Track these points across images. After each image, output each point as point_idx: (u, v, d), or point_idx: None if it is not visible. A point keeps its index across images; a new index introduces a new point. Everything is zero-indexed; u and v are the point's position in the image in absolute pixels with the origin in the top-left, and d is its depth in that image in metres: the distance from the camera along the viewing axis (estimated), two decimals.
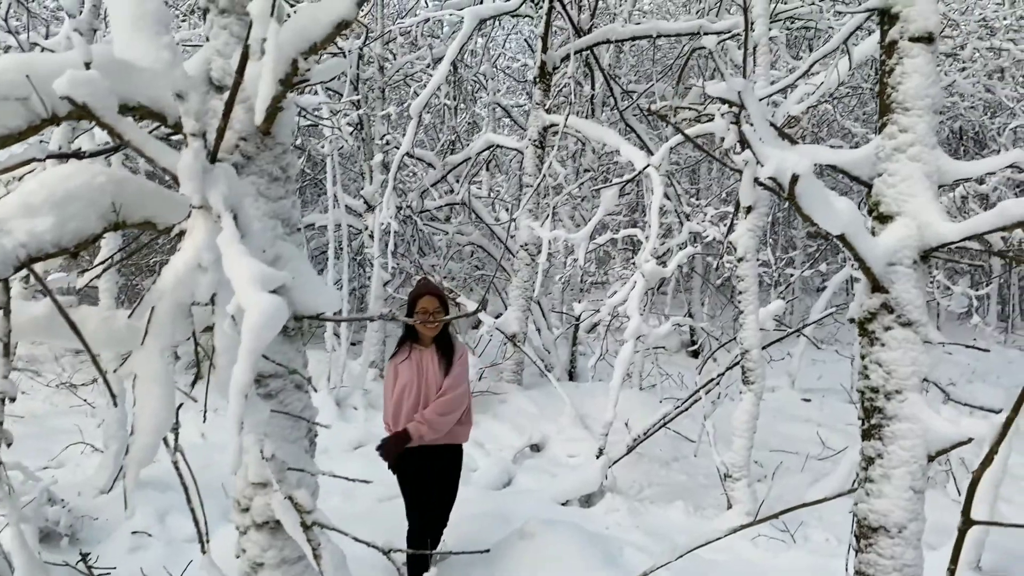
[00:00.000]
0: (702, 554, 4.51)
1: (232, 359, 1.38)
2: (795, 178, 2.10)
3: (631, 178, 6.47)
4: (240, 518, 2.19)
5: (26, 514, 3.44)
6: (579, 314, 8.19)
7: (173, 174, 1.58)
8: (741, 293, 5.26)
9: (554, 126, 8.19)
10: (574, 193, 9.49)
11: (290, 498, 1.82)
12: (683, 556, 3.36)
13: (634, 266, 7.85)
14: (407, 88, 11.34)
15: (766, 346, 6.08)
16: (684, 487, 6.10)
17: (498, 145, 9.33)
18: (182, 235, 1.65)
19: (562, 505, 5.63)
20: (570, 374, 9.91)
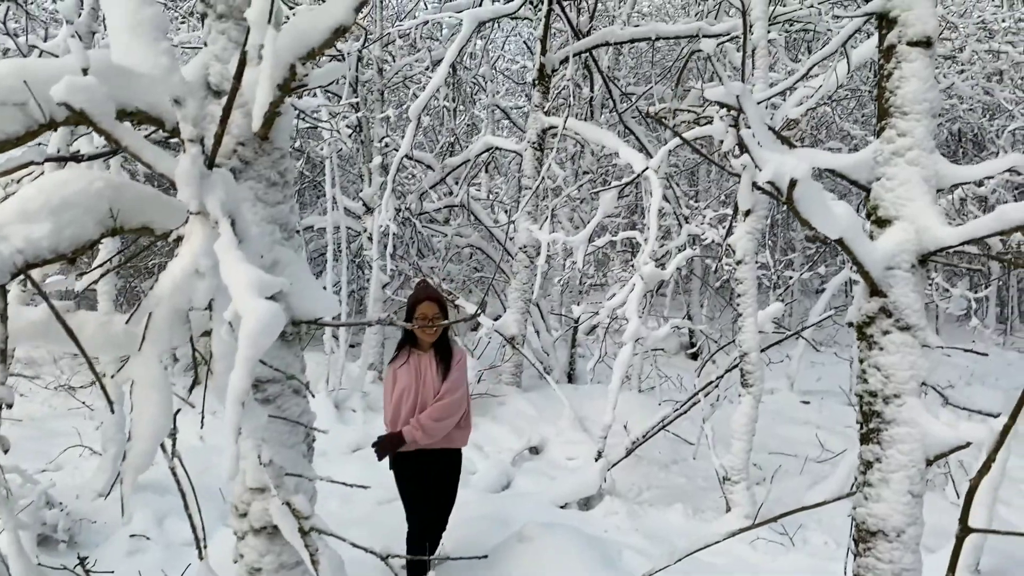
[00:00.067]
0: (701, 557, 4.51)
1: (230, 365, 1.38)
2: (793, 182, 2.10)
3: (630, 181, 6.47)
4: (238, 523, 2.19)
5: (23, 520, 3.43)
6: (578, 316, 8.19)
7: (171, 179, 1.58)
8: (740, 296, 5.26)
9: (553, 128, 8.19)
10: (573, 195, 9.48)
11: (288, 503, 1.82)
12: (682, 559, 3.36)
13: (633, 268, 7.85)
14: (406, 90, 11.36)
15: (765, 348, 6.09)
16: (683, 490, 6.10)
17: (497, 147, 9.32)
18: (180, 240, 1.65)
19: (561, 508, 5.63)
20: (569, 376, 9.90)
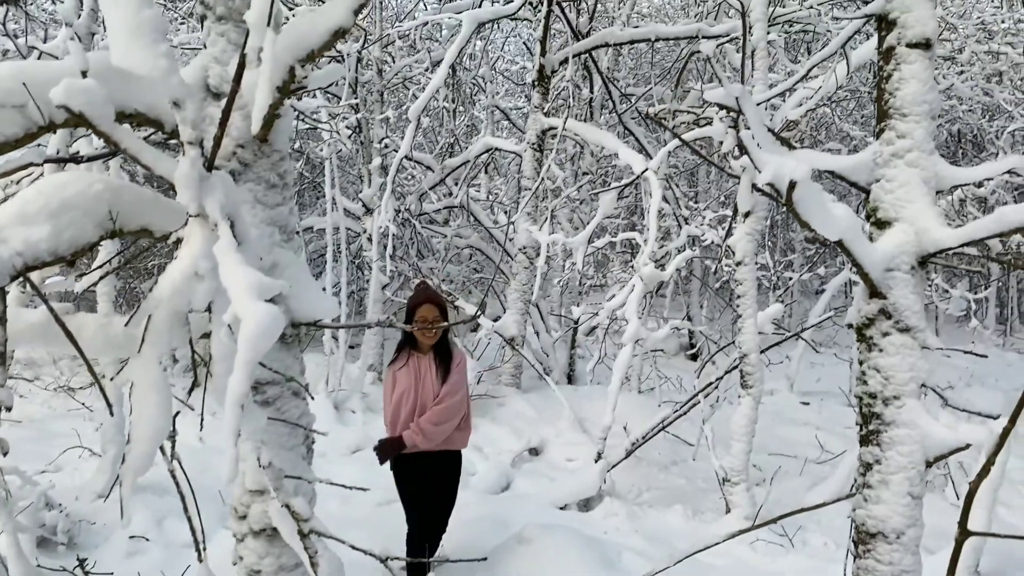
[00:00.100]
0: (701, 558, 4.50)
1: (229, 368, 1.38)
2: (793, 184, 2.10)
3: (629, 182, 6.48)
4: (237, 525, 2.19)
5: (22, 523, 3.43)
6: (578, 317, 8.19)
7: (170, 182, 1.58)
8: (740, 297, 5.25)
9: (552, 129, 8.20)
10: (573, 196, 9.48)
11: (287, 506, 1.82)
12: (681, 561, 3.36)
13: (632, 269, 7.85)
14: (406, 91, 11.36)
15: (765, 350, 6.09)
16: (683, 491, 6.10)
17: (497, 148, 9.33)
18: (179, 242, 1.65)
19: (560, 509, 5.63)
20: (569, 377, 9.90)
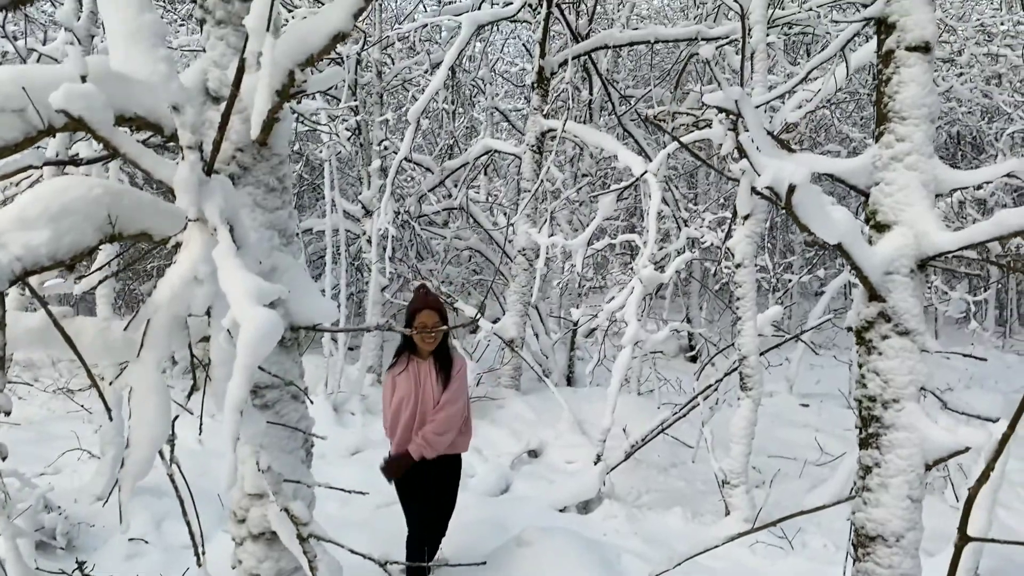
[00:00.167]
0: (700, 561, 4.50)
1: (228, 372, 1.37)
2: (792, 188, 2.10)
3: (629, 184, 6.48)
4: (236, 529, 2.19)
5: (21, 528, 3.42)
6: (577, 319, 8.20)
7: (169, 186, 1.58)
8: (739, 299, 5.25)
9: (552, 131, 8.20)
10: (572, 198, 9.49)
11: (286, 510, 1.82)
12: (681, 563, 3.36)
13: (632, 271, 7.85)
14: (405, 93, 11.36)
15: (764, 352, 6.07)
16: (682, 493, 6.09)
17: (496, 150, 9.33)
18: (179, 246, 1.65)
19: (560, 512, 5.62)
20: (568, 379, 9.90)
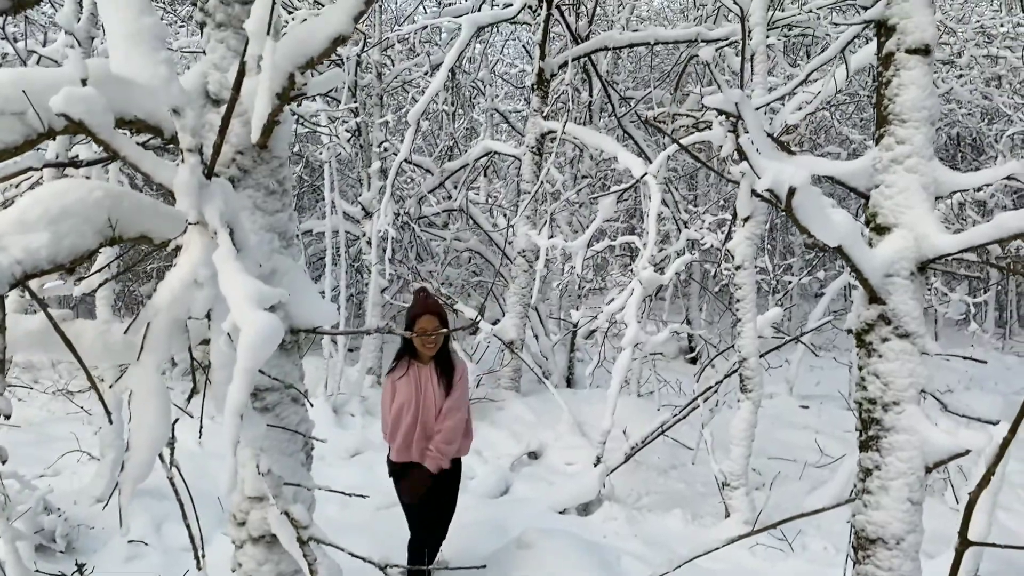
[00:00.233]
0: (700, 563, 4.49)
1: (228, 376, 1.37)
2: (792, 190, 2.10)
3: (629, 186, 6.48)
4: (236, 532, 2.19)
5: (21, 531, 3.42)
6: (577, 321, 8.20)
7: (169, 189, 1.58)
8: (739, 301, 5.25)
9: (552, 133, 8.20)
10: (572, 199, 9.49)
11: (286, 513, 1.82)
12: (681, 566, 3.36)
13: (632, 273, 7.85)
14: (405, 94, 11.36)
15: (764, 354, 6.07)
16: (682, 495, 6.09)
17: (496, 152, 9.32)
18: (179, 249, 1.65)
19: (560, 513, 5.62)
20: (568, 381, 9.90)
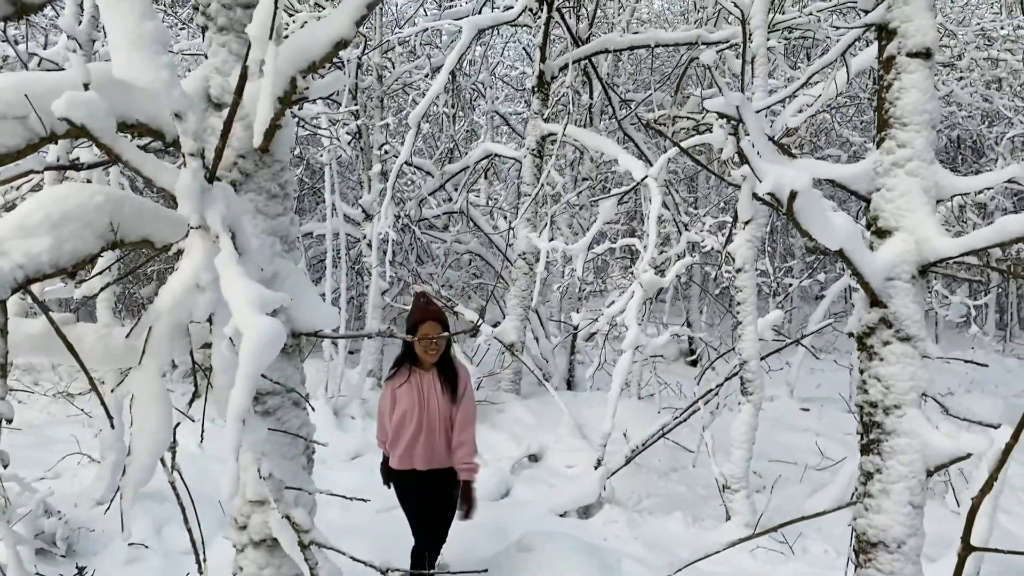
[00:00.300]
0: (701, 566, 4.50)
1: (230, 380, 1.37)
2: (793, 194, 2.10)
3: (629, 189, 6.48)
4: (237, 536, 2.19)
5: (22, 535, 3.42)
6: (577, 323, 8.19)
7: (171, 193, 1.58)
8: (739, 304, 5.25)
9: (552, 135, 8.21)
10: (572, 202, 9.49)
11: (288, 517, 1.82)
12: (682, 569, 3.35)
13: (632, 275, 7.84)
14: (405, 97, 11.36)
15: (765, 356, 6.08)
16: (683, 498, 6.09)
17: (496, 154, 9.33)
18: (180, 252, 1.65)
19: (560, 516, 5.62)
20: (568, 383, 9.89)
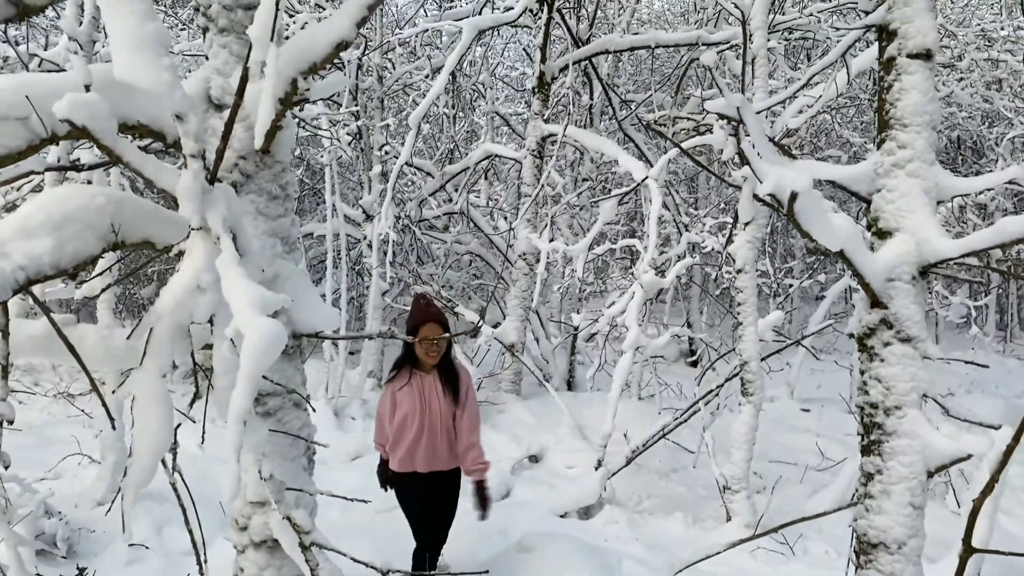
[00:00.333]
0: (702, 567, 4.50)
1: (231, 381, 1.37)
2: (794, 195, 2.10)
3: (629, 189, 6.48)
4: (238, 537, 2.19)
5: (23, 537, 3.42)
6: (577, 324, 8.19)
7: (172, 194, 1.58)
8: (740, 305, 5.25)
9: (553, 136, 8.21)
10: (572, 202, 9.50)
11: (288, 518, 1.82)
12: (683, 570, 3.35)
13: (632, 276, 7.84)
14: (406, 97, 11.36)
15: (765, 357, 6.08)
16: (683, 499, 6.09)
17: (497, 155, 9.33)
18: (181, 254, 1.65)
19: (561, 517, 5.62)
20: (568, 384, 9.90)
